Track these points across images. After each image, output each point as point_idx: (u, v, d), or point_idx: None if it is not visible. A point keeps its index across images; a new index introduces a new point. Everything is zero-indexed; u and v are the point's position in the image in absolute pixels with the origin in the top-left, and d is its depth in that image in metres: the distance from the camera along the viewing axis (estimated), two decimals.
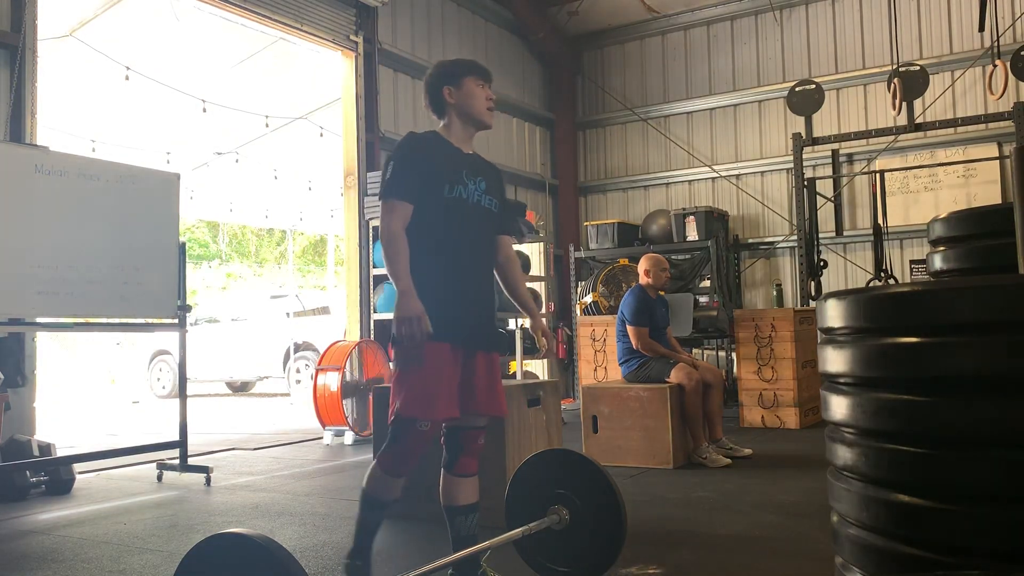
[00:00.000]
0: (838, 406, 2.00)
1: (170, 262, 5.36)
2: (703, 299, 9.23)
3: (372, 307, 7.68)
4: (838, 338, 2.03)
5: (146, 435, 7.29)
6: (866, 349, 1.91)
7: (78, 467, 5.37)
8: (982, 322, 1.71)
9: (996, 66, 7.41)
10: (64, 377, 16.44)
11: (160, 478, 5.43)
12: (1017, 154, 2.33)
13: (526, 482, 3.05)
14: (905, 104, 7.95)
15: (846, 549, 2.01)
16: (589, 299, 9.51)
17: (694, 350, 9.11)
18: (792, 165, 8.95)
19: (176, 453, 5.49)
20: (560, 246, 11.00)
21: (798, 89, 8.71)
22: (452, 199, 2.76)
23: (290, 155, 11.77)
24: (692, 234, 9.51)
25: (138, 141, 10.71)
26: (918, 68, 8.19)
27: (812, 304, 8.22)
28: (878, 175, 8.48)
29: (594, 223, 10.35)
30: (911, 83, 8.02)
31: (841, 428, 2.03)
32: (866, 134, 8.70)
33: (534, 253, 9.30)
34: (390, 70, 8.60)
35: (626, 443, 5.46)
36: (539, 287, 8.92)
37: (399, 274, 2.65)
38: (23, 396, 5.31)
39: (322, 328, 12.14)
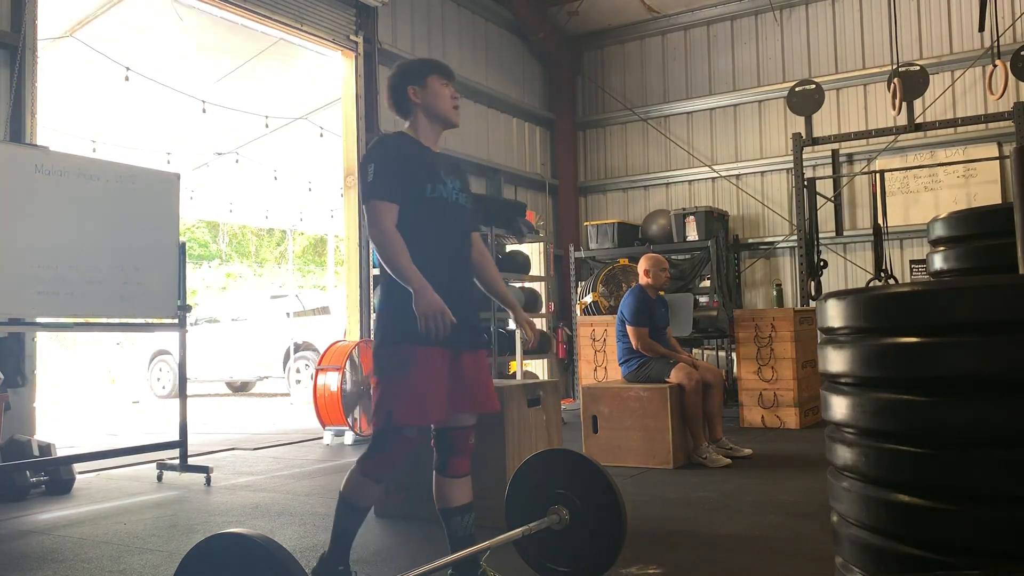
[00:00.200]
0: (838, 406, 2.00)
1: (170, 262, 5.36)
2: (703, 299, 9.23)
3: (372, 307, 7.68)
4: (838, 338, 2.03)
5: (146, 435, 7.29)
6: (866, 349, 1.91)
7: (78, 467, 5.37)
8: (982, 322, 1.71)
9: (996, 66, 7.41)
10: (64, 377, 16.45)
11: (160, 478, 5.43)
12: (1017, 154, 2.33)
13: (526, 482, 3.05)
14: (905, 104, 7.95)
15: (846, 549, 2.01)
16: (589, 299, 9.51)
17: (694, 350, 9.11)
18: (792, 165, 8.95)
19: (176, 453, 5.49)
20: (560, 246, 11.00)
21: (798, 89, 8.71)
22: (434, 199, 2.77)
23: (290, 155, 11.77)
24: (692, 234, 9.51)
25: (138, 141, 10.70)
26: (918, 68, 8.19)
27: (812, 304, 8.22)
28: (878, 175, 8.48)
29: (594, 223, 10.35)
30: (911, 83, 8.02)
31: (841, 428, 2.03)
32: (866, 134, 8.70)
33: (534, 253, 9.30)
34: (390, 70, 8.60)
35: (626, 443, 5.46)
36: (539, 287, 8.91)
37: (407, 270, 2.62)
38: (23, 396, 5.31)
39: (322, 328, 12.15)
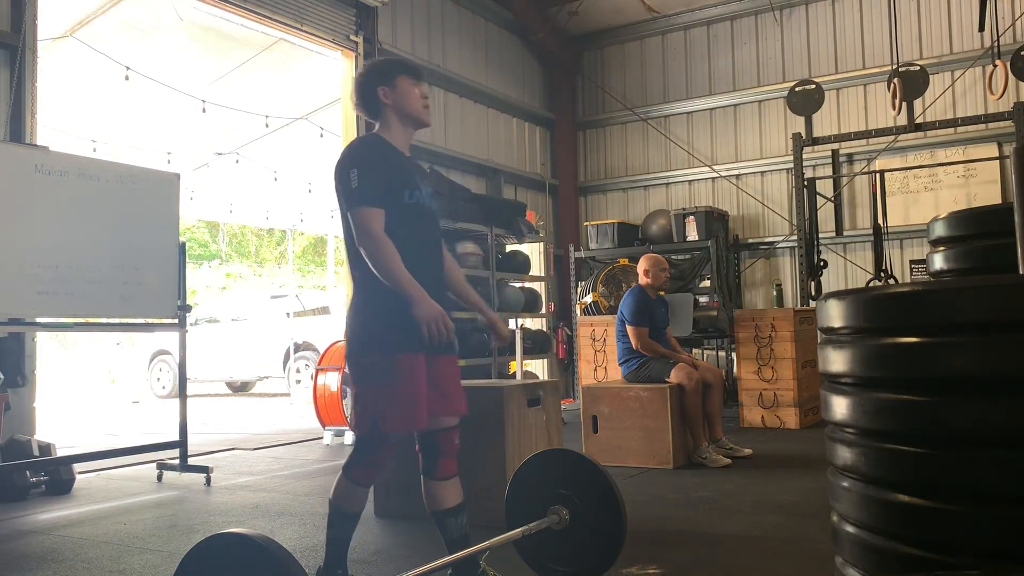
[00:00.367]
0: (838, 406, 2.00)
1: (170, 262, 5.36)
2: (703, 299, 9.23)
3: None
4: (838, 338, 2.03)
5: (146, 435, 7.29)
6: (866, 349, 1.91)
7: (78, 467, 5.37)
8: (982, 322, 1.71)
9: (996, 66, 7.41)
10: (64, 377, 16.45)
11: (160, 478, 5.43)
12: (1017, 154, 2.33)
13: (526, 482, 3.05)
14: (905, 104, 7.95)
15: (846, 549, 2.01)
16: (589, 299, 9.51)
17: (694, 350, 9.11)
18: (792, 165, 8.95)
19: (176, 453, 5.49)
20: (560, 246, 11.00)
21: (798, 89, 8.71)
22: (412, 205, 2.77)
23: (290, 155, 11.76)
24: (692, 234, 9.51)
25: (138, 141, 10.70)
26: (918, 68, 8.19)
27: (812, 304, 8.22)
28: (878, 175, 8.48)
29: (594, 223, 10.35)
30: (911, 83, 8.02)
31: (841, 428, 2.03)
32: (866, 134, 8.70)
33: (534, 253, 9.30)
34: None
35: (626, 443, 5.46)
36: (539, 287, 8.91)
37: (403, 279, 2.62)
38: (23, 396, 5.30)
39: (322, 328, 12.15)
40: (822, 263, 8.53)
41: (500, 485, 3.48)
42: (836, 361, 2.01)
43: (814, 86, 8.66)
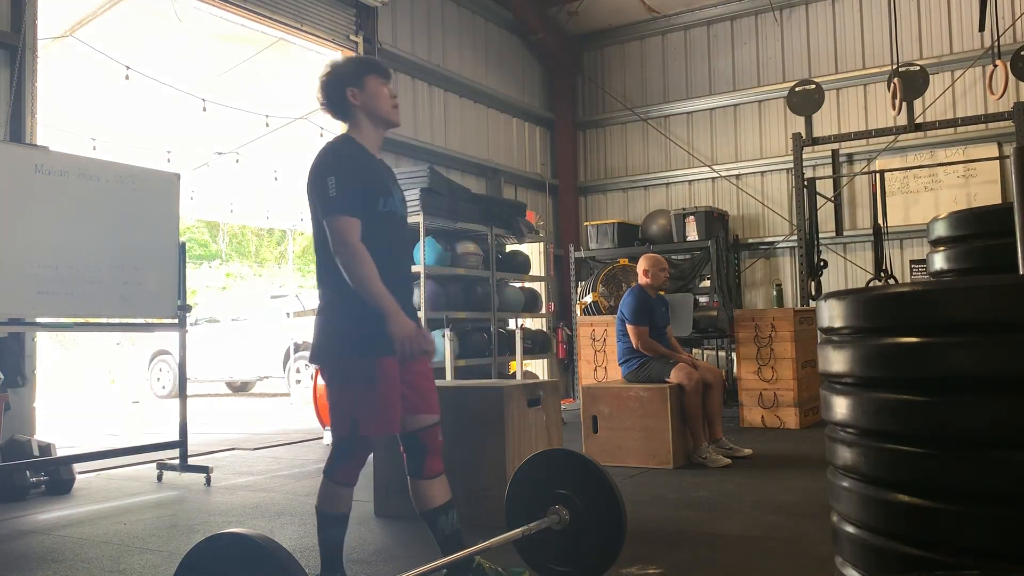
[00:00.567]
0: (838, 406, 2.00)
1: (170, 262, 5.36)
2: (703, 299, 9.23)
3: None
4: (838, 338, 2.02)
5: (146, 435, 7.29)
6: (866, 349, 1.91)
7: (78, 467, 5.37)
8: (982, 322, 1.71)
9: (996, 66, 7.41)
10: (64, 377, 16.44)
11: (160, 478, 5.43)
12: (1017, 154, 2.32)
13: (526, 482, 3.05)
14: (905, 104, 7.95)
15: (846, 549, 2.01)
16: (589, 299, 9.51)
17: (694, 350, 9.11)
18: (792, 165, 8.95)
19: (176, 453, 5.49)
20: (560, 246, 11.00)
21: (798, 89, 8.71)
22: (385, 213, 2.78)
23: (290, 155, 11.75)
24: (692, 234, 9.51)
25: (138, 141, 10.70)
26: (918, 68, 8.19)
27: (812, 304, 8.22)
28: (878, 175, 8.48)
29: (594, 223, 10.35)
30: (911, 83, 8.02)
31: (841, 428, 2.03)
32: (866, 134, 8.70)
33: (534, 253, 9.30)
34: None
35: (626, 443, 5.46)
36: (539, 287, 8.91)
37: (379, 294, 2.63)
38: (23, 396, 5.30)
39: None
40: (822, 263, 8.53)
41: (500, 485, 3.48)
42: (836, 361, 2.01)
43: (814, 86, 8.66)
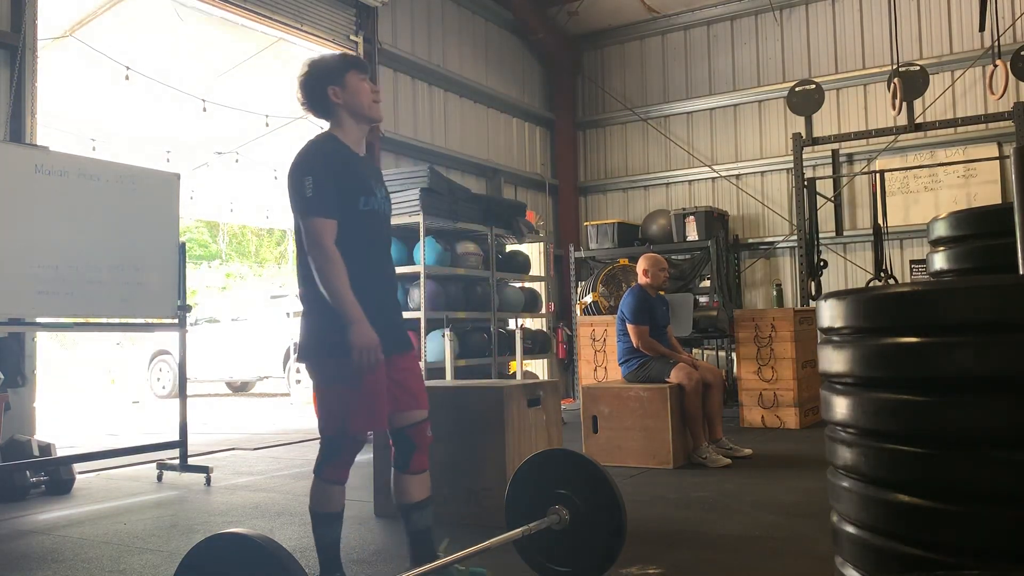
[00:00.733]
0: (838, 406, 2.00)
1: (170, 262, 5.36)
2: (703, 299, 9.23)
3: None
4: (838, 338, 2.02)
5: (146, 435, 7.28)
6: (866, 349, 1.91)
7: (78, 467, 5.37)
8: (982, 322, 1.71)
9: (996, 66, 7.41)
10: (64, 377, 16.44)
11: (160, 478, 5.43)
12: (1017, 154, 2.33)
13: (526, 482, 3.05)
14: (905, 104, 7.95)
15: (846, 549, 2.01)
16: (589, 299, 9.51)
17: (694, 350, 9.11)
18: (792, 165, 8.95)
19: (176, 453, 5.49)
20: (560, 246, 11.00)
21: (798, 89, 8.71)
22: (367, 212, 2.77)
23: (290, 155, 11.70)
24: (692, 234, 9.51)
25: (138, 141, 10.69)
26: (918, 68, 8.19)
27: (812, 304, 8.22)
28: (878, 175, 8.48)
29: (594, 223, 10.35)
30: (911, 83, 8.02)
31: (841, 428, 2.03)
32: (866, 134, 8.70)
33: (534, 253, 9.30)
34: (390, 70, 8.61)
35: (626, 443, 5.46)
36: (539, 287, 8.92)
37: (345, 300, 2.62)
38: (23, 396, 5.30)
39: None
40: (822, 263, 8.53)
41: (500, 485, 3.48)
42: (836, 361, 2.01)
43: (814, 86, 8.66)
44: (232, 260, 23.85)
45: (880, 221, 8.23)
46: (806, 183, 8.56)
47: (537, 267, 9.22)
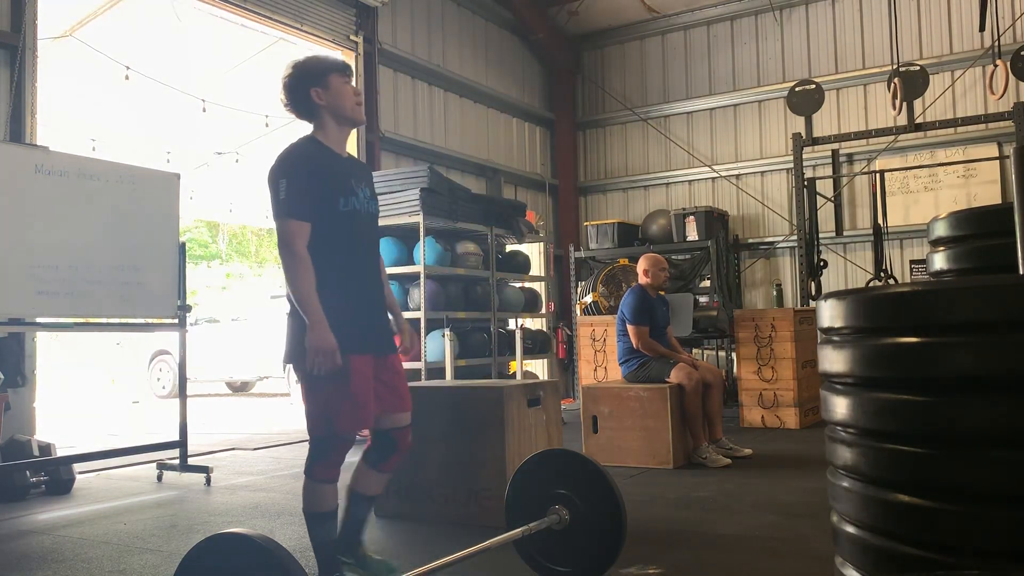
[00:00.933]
0: (838, 406, 2.00)
1: (170, 262, 5.36)
2: (703, 299, 9.23)
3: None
4: (838, 338, 2.02)
5: (146, 435, 7.29)
6: (866, 349, 1.91)
7: (78, 467, 5.37)
8: (982, 322, 1.71)
9: (996, 66, 7.41)
10: (64, 377, 16.44)
11: (160, 478, 5.42)
12: (1017, 154, 2.33)
13: (526, 482, 3.05)
14: (905, 104, 7.95)
15: (846, 549, 2.01)
16: (589, 299, 9.51)
17: (694, 350, 9.11)
18: (792, 165, 8.95)
19: (176, 453, 5.49)
20: (560, 246, 11.00)
21: (798, 89, 8.71)
22: (347, 212, 2.78)
23: None
24: (692, 234, 9.51)
25: (138, 141, 10.70)
26: (918, 68, 8.19)
27: (812, 304, 8.22)
28: (878, 175, 8.48)
29: (594, 223, 10.35)
30: (911, 83, 8.02)
31: (841, 428, 2.03)
32: (866, 134, 8.70)
33: (534, 253, 9.30)
34: (390, 70, 8.60)
35: (626, 443, 5.46)
36: (539, 287, 8.92)
37: (308, 301, 2.64)
38: (23, 396, 5.31)
39: None
40: (822, 263, 8.53)
41: (500, 485, 3.48)
42: (836, 361, 2.01)
43: (814, 86, 8.66)
44: (232, 260, 23.86)
45: (880, 221, 8.24)
46: (806, 183, 8.56)
47: (537, 267, 9.22)
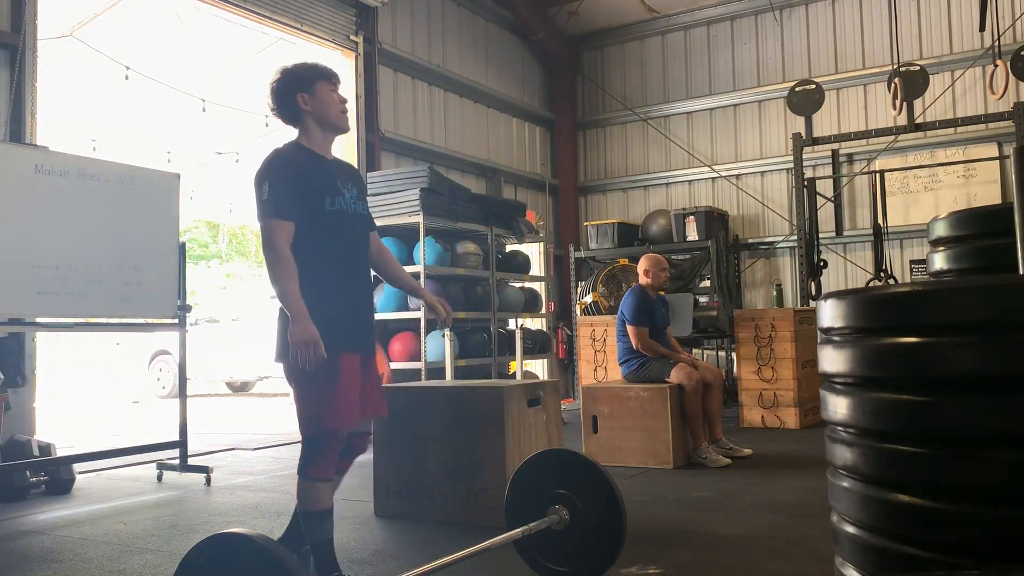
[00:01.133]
0: (838, 406, 2.00)
1: (170, 262, 5.36)
2: (703, 299, 9.23)
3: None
4: (838, 338, 2.02)
5: (146, 435, 7.29)
6: (866, 349, 1.91)
7: (78, 467, 5.37)
8: (982, 322, 1.71)
9: (996, 66, 7.41)
10: (64, 377, 16.43)
11: (160, 478, 5.42)
12: (1017, 154, 2.33)
13: (526, 482, 3.05)
14: (905, 104, 7.95)
15: (846, 549, 2.01)
16: (589, 299, 9.51)
17: (694, 350, 9.11)
18: (792, 165, 8.95)
19: (176, 453, 5.49)
20: (560, 246, 11.00)
21: (798, 89, 8.71)
22: (334, 212, 2.81)
23: None
24: (692, 234, 9.51)
25: (138, 141, 10.71)
26: (918, 68, 8.19)
27: (812, 304, 8.22)
28: (878, 175, 8.48)
29: (594, 223, 10.35)
30: (911, 83, 8.02)
31: (841, 428, 2.03)
32: (866, 134, 8.70)
33: (534, 253, 9.31)
34: (390, 70, 8.60)
35: (626, 443, 5.46)
36: (539, 287, 8.92)
37: (290, 297, 2.68)
38: (23, 396, 5.30)
39: None
40: (822, 263, 8.53)
41: (500, 485, 3.48)
42: (836, 361, 2.01)
43: (814, 86, 8.66)
44: (232, 260, 23.86)
45: (880, 221, 8.24)
46: (806, 183, 8.56)
47: (537, 267, 9.23)
